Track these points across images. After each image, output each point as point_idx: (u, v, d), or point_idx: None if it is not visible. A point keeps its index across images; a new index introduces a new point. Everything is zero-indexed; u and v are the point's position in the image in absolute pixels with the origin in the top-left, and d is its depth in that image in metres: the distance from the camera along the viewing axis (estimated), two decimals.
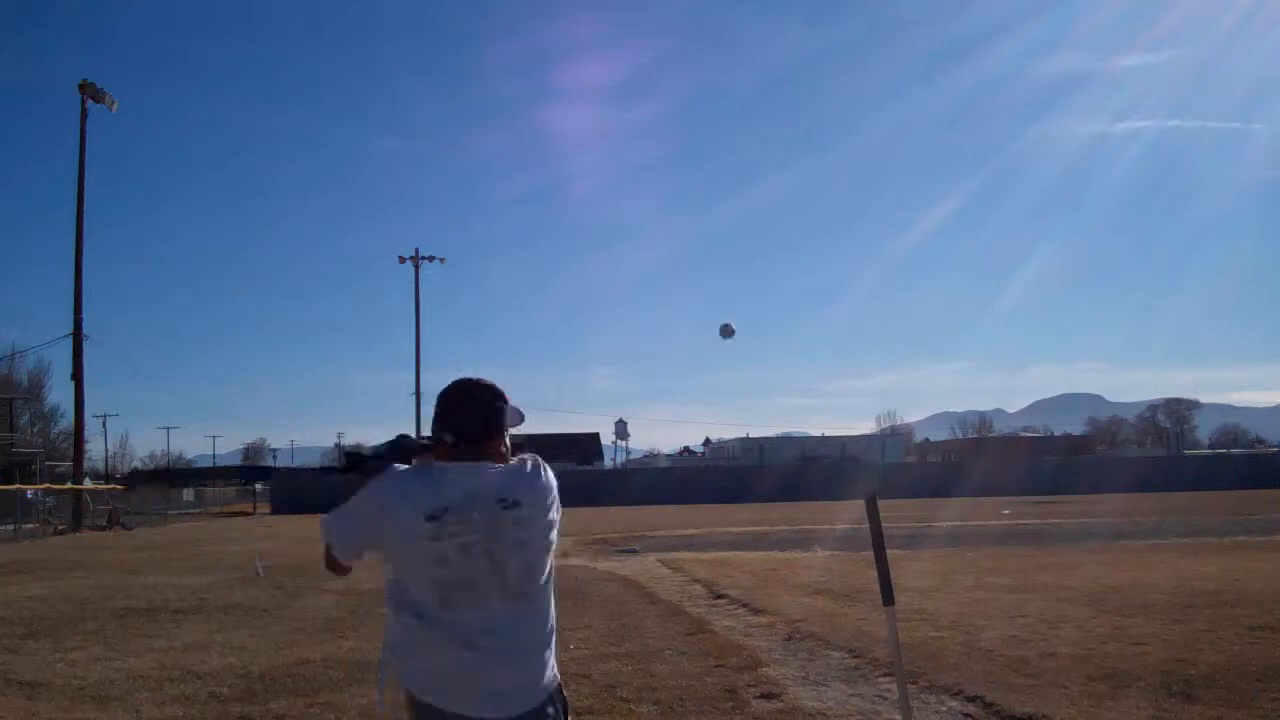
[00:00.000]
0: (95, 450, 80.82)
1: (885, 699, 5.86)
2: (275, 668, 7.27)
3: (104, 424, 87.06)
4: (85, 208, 35.73)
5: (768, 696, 6.03)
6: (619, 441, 71.43)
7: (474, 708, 2.34)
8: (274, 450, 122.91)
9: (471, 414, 2.49)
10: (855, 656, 7.09)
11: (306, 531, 28.19)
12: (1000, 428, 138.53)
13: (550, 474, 2.54)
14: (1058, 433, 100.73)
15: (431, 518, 2.35)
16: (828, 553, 16.13)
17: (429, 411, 2.58)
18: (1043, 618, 8.49)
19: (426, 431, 2.57)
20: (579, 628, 8.80)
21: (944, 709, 5.62)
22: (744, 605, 9.97)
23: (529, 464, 2.53)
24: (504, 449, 2.53)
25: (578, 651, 7.63)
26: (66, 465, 42.54)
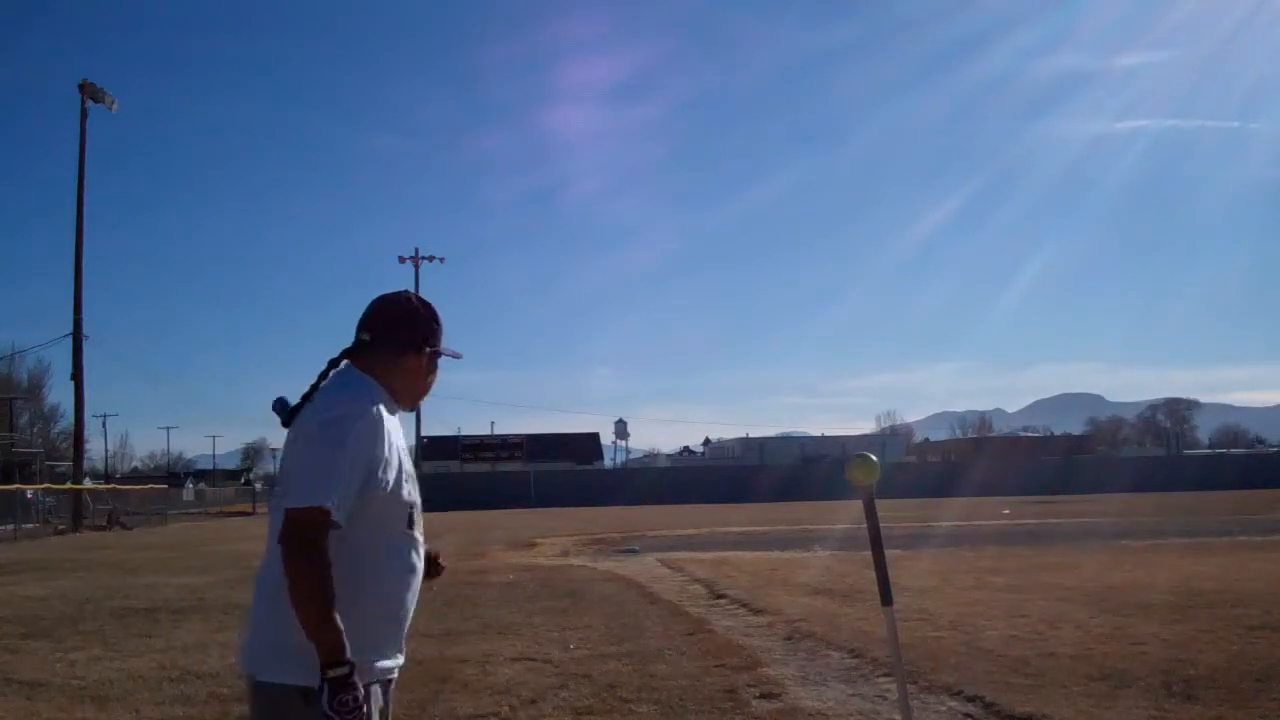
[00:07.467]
0: (95, 450, 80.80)
1: (885, 699, 5.86)
2: None
3: (104, 424, 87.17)
4: (85, 208, 35.73)
5: (767, 696, 6.03)
6: (619, 441, 71.41)
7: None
8: (274, 450, 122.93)
9: None
10: (855, 656, 7.08)
11: None
12: (1000, 428, 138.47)
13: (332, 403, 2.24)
14: (1058, 433, 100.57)
15: None
16: (828, 553, 16.11)
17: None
18: (1043, 618, 8.49)
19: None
20: (579, 628, 8.81)
21: (944, 709, 5.62)
22: (744, 605, 9.97)
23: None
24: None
25: (578, 651, 7.63)
26: (66, 465, 42.52)
